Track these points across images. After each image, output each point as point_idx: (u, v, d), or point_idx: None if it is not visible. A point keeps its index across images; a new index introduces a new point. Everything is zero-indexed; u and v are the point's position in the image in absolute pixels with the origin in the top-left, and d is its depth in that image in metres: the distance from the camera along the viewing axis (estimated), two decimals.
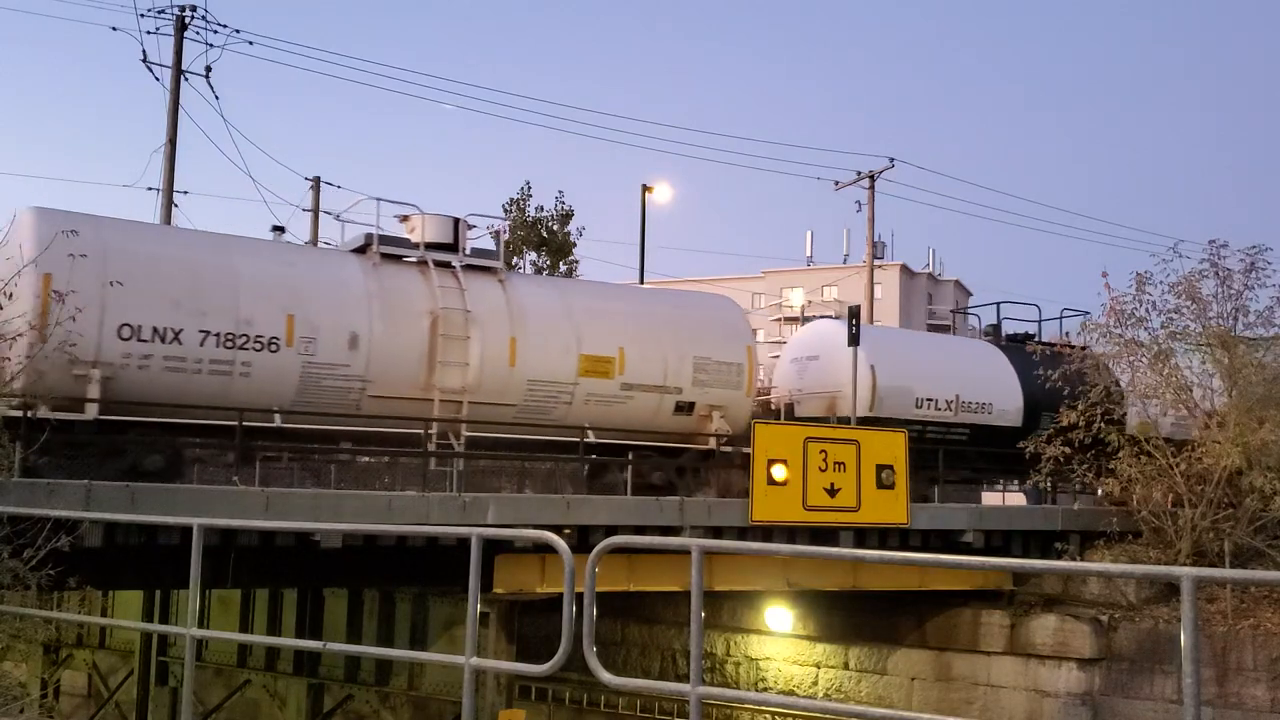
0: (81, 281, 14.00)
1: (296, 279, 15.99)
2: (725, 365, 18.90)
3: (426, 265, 17.16)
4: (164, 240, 16.57)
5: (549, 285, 20.77)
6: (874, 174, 36.05)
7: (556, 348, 17.56)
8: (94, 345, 14.09)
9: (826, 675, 21.05)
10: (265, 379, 15.25)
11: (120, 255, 14.71)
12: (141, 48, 35.38)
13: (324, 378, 15.68)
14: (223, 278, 15.39)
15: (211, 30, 27.74)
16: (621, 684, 7.50)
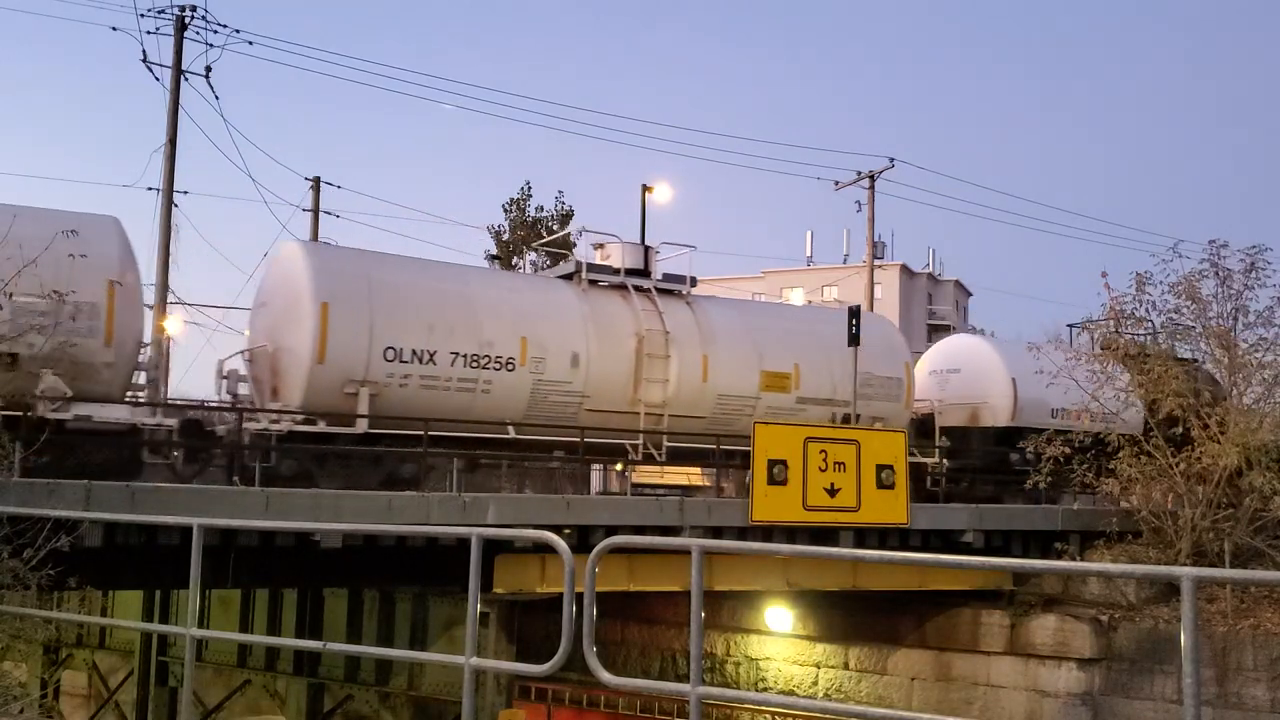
0: (352, 310, 15.94)
1: (525, 304, 17.85)
2: (886, 380, 20.57)
3: (627, 289, 19.04)
4: (416, 271, 18.07)
5: (731, 306, 21.93)
6: (874, 174, 36.03)
7: (741, 364, 19.20)
8: (363, 366, 15.98)
9: (826, 675, 21.05)
10: (502, 395, 17.09)
11: (382, 286, 16.59)
12: (141, 48, 35.35)
13: (550, 393, 17.56)
14: (466, 304, 17.24)
15: (211, 30, 27.70)
16: (621, 684, 7.52)
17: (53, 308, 13.64)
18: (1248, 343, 20.74)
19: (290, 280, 16.23)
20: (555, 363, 17.49)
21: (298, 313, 15.84)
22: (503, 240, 35.11)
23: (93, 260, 14.43)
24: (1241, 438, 19.17)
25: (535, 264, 35.13)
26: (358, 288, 16.31)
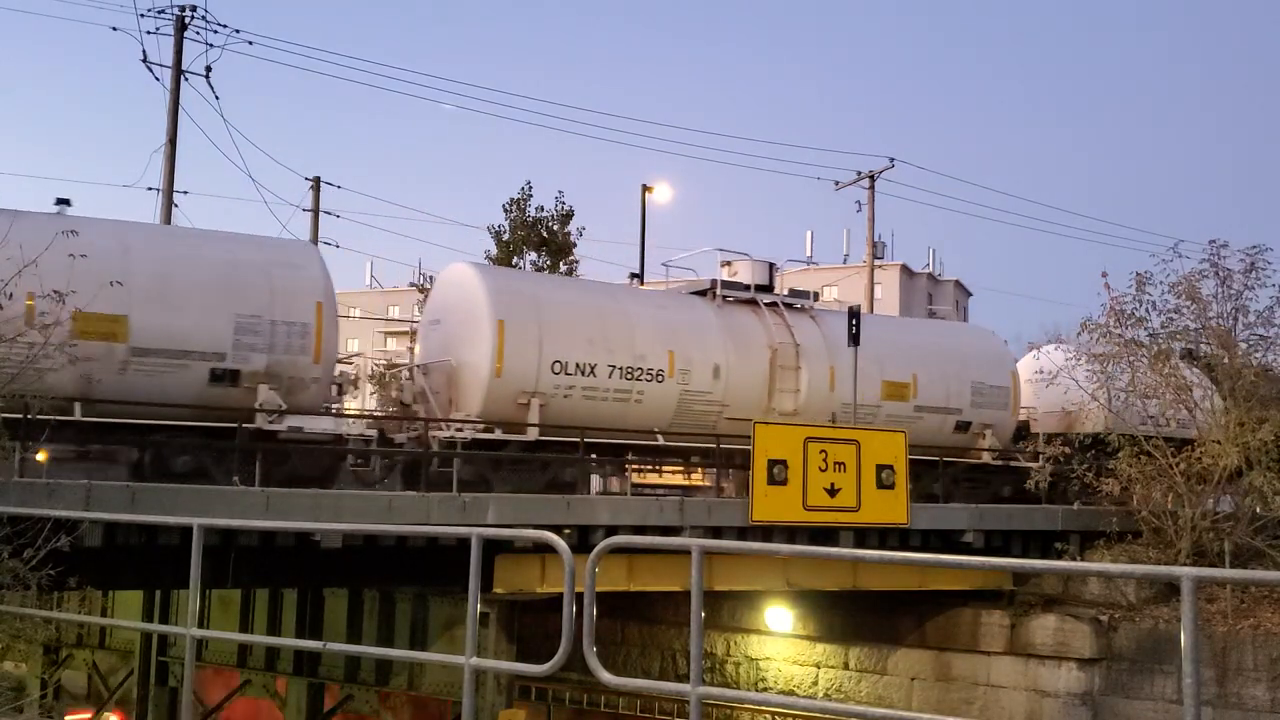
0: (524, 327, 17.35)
1: (671, 320, 19.15)
2: (995, 389, 22.00)
3: (757, 304, 20.32)
4: (576, 290, 20.26)
5: None
6: (874, 174, 36.05)
7: (864, 375, 20.13)
8: (534, 378, 17.35)
9: (826, 675, 21.05)
10: (652, 405, 18.44)
11: (548, 304, 18.17)
12: (141, 48, 35.31)
13: (695, 403, 18.84)
14: (621, 321, 18.67)
15: (211, 30, 27.72)
16: (621, 684, 7.53)
17: (268, 327, 15.19)
18: (1248, 343, 20.75)
19: (466, 300, 17.68)
20: (699, 374, 18.87)
21: (476, 330, 17.28)
22: (503, 240, 35.07)
23: (303, 284, 15.81)
24: (1241, 438, 19.17)
25: (535, 264, 35.11)
26: (528, 307, 17.81)
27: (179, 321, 14.96)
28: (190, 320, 15.03)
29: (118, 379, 14.62)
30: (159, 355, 14.87)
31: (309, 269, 16.28)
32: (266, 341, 15.29)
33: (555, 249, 35.21)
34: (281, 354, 15.39)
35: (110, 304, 14.21)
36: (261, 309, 15.33)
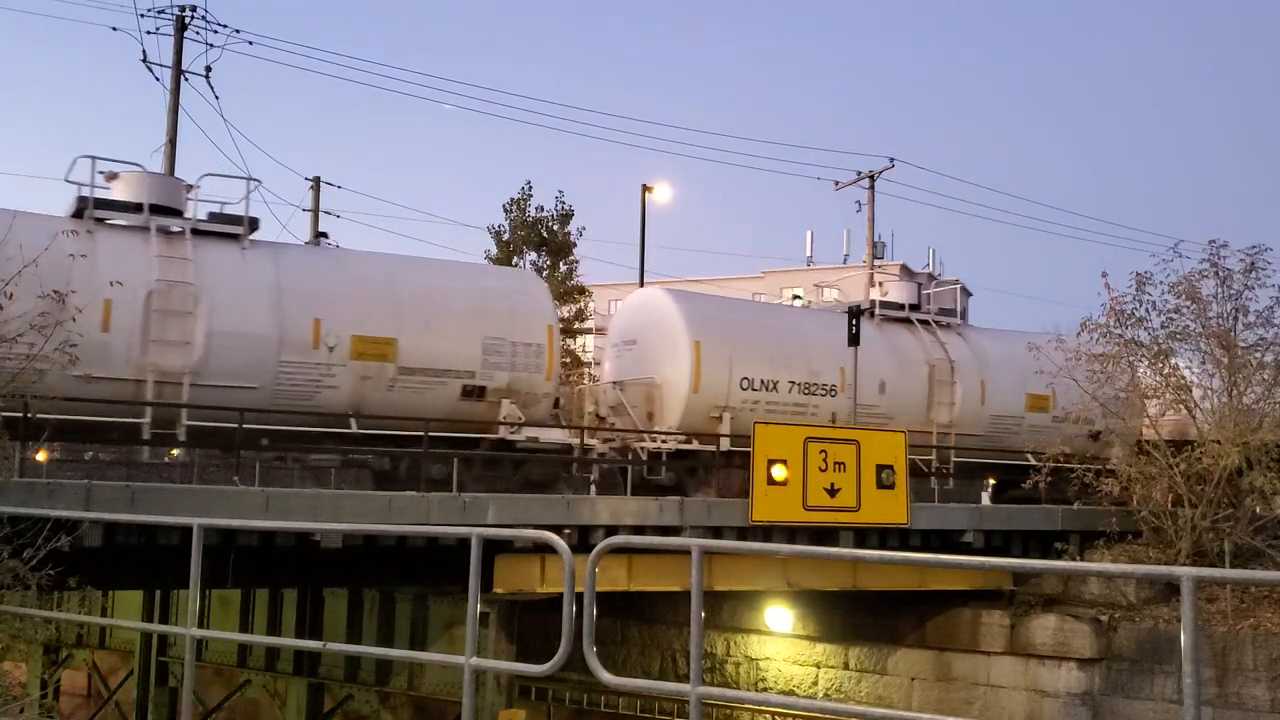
0: (716, 348, 19.08)
1: (841, 338, 20.14)
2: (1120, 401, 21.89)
3: (912, 323, 21.95)
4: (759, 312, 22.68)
5: (997, 336, 24.00)
6: (874, 174, 36.09)
7: (1010, 388, 21.70)
8: (725, 394, 19.04)
9: (826, 675, 21.04)
10: (826, 417, 19.93)
11: (736, 325, 20.06)
12: (141, 48, 35.35)
13: (863, 416, 20.18)
14: (799, 340, 20.40)
15: (211, 30, 27.71)
16: (621, 684, 7.52)
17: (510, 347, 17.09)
18: (1247, 343, 20.74)
19: (662, 323, 19.46)
20: (866, 389, 20.40)
21: (674, 351, 19.09)
22: (503, 240, 35.09)
23: (537, 309, 17.86)
24: (1241, 438, 19.16)
25: (535, 264, 35.11)
26: (719, 329, 19.61)
27: (438, 344, 16.77)
28: (447, 342, 16.85)
29: (385, 395, 16.39)
30: (421, 374, 16.68)
31: (540, 296, 18.50)
32: (509, 360, 17.24)
33: (555, 249, 35.25)
34: (520, 371, 17.32)
35: (382, 328, 16.26)
36: (505, 332, 17.26)
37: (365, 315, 16.15)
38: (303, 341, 15.68)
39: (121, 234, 15.40)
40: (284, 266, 16.19)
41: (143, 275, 14.95)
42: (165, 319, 14.99)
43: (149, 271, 15.05)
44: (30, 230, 13.93)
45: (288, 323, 15.71)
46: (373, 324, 16.13)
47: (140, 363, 14.80)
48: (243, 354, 15.38)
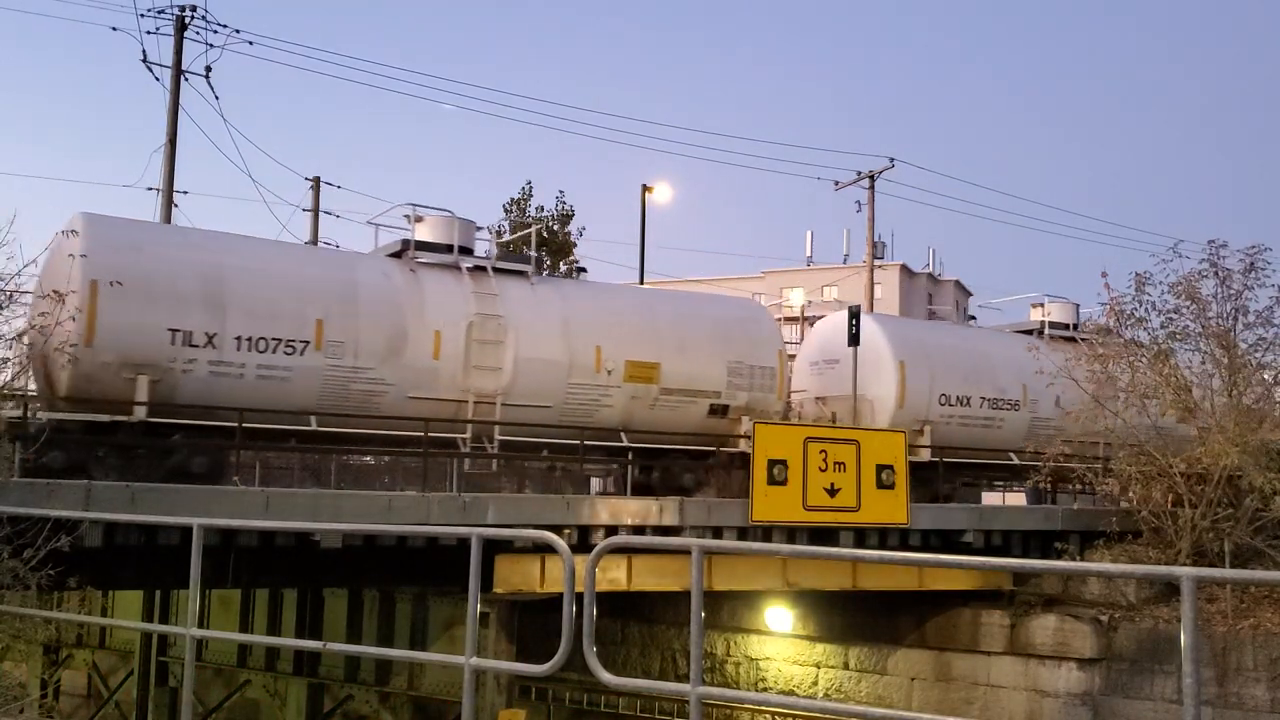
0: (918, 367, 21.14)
1: (1020, 357, 21.82)
2: None
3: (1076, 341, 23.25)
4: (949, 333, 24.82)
5: None
6: (874, 174, 36.04)
7: None
8: (925, 408, 21.07)
9: (826, 675, 21.04)
10: (1009, 430, 21.94)
11: (933, 346, 22.02)
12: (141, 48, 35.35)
13: (1040, 429, 21.99)
14: (985, 359, 22.45)
15: (211, 30, 27.71)
16: (621, 684, 7.53)
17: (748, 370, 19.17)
18: (1247, 343, 20.73)
19: (869, 344, 20.94)
20: (1044, 404, 22.18)
21: (880, 370, 20.93)
22: (503, 240, 35.06)
23: (769, 335, 20.23)
24: (1241, 438, 19.15)
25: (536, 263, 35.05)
26: (919, 349, 21.53)
27: (691, 367, 18.79)
28: (698, 366, 18.85)
29: (649, 413, 18.47)
30: (678, 394, 18.72)
31: (770, 324, 21.05)
32: (747, 382, 19.19)
33: (555, 249, 35.22)
34: (757, 391, 19.26)
35: (648, 354, 18.42)
36: (744, 356, 19.26)
37: (635, 342, 18.38)
38: (587, 366, 17.94)
39: (439, 272, 17.41)
40: (567, 299, 18.57)
41: (462, 309, 17.07)
42: (482, 347, 17.10)
43: (468, 306, 17.15)
44: (369, 269, 16.91)
45: (575, 350, 17.90)
46: (641, 350, 18.38)
47: (463, 385, 16.93)
48: (541, 377, 17.57)
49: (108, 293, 14.26)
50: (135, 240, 15.25)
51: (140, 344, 14.46)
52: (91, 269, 14.30)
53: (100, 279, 14.28)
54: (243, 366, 15.10)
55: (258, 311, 15.33)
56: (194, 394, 14.85)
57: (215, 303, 15.08)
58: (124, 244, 14.93)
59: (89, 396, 14.33)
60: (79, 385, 14.29)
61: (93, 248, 14.50)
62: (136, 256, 14.92)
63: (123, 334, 14.36)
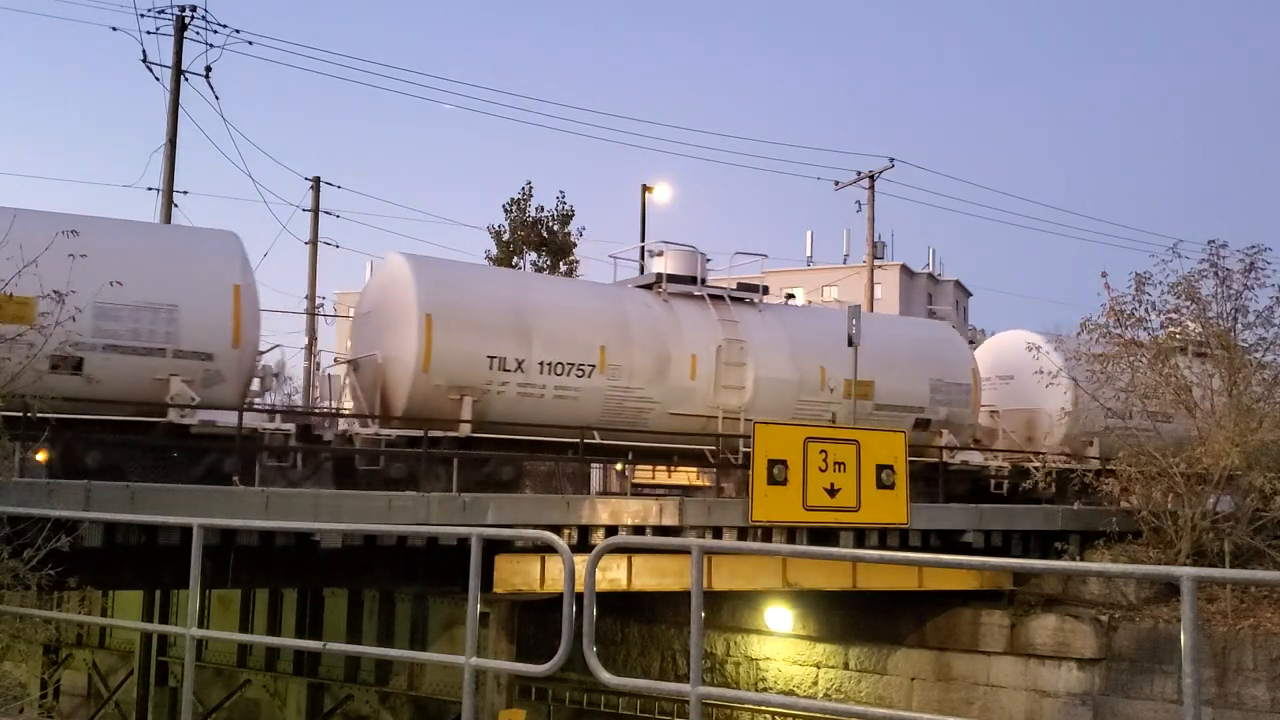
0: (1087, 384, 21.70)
1: None
2: None
3: None
4: None
5: None
6: (874, 174, 36.04)
7: None
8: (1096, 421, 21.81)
9: (826, 675, 21.04)
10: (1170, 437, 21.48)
11: None
12: (141, 48, 35.40)
13: None
14: None
15: (211, 30, 27.69)
16: (621, 684, 7.53)
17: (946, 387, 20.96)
18: (1247, 343, 20.73)
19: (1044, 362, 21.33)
20: None
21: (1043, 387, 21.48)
22: (503, 240, 35.06)
23: (963, 356, 21.74)
24: (1241, 438, 19.15)
25: (535, 264, 35.08)
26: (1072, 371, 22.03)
27: (900, 384, 20.60)
28: (906, 383, 20.64)
29: (862, 425, 19.84)
30: (890, 409, 20.50)
31: (962, 344, 22.86)
32: (946, 398, 20.93)
33: (555, 249, 35.19)
34: (955, 407, 21.04)
35: (865, 372, 19.81)
36: (942, 374, 20.94)
37: (851, 362, 19.73)
38: (813, 384, 19.87)
39: (687, 302, 19.59)
40: (789, 324, 20.56)
41: (711, 335, 19.20)
42: (728, 369, 19.17)
43: (715, 332, 19.24)
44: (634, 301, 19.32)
45: (803, 369, 19.86)
46: (859, 369, 19.84)
47: (713, 402, 19.01)
48: (776, 394, 19.48)
49: (439, 325, 16.47)
50: (455, 277, 17.71)
51: (465, 369, 16.68)
52: (425, 304, 16.41)
53: (434, 313, 16.43)
54: (543, 388, 17.40)
55: (556, 340, 17.65)
56: (504, 412, 17.07)
57: (523, 333, 17.37)
58: (447, 282, 17.24)
59: (423, 414, 16.42)
60: (414, 405, 16.48)
61: (423, 285, 16.62)
62: (459, 293, 17.21)
63: (451, 361, 16.53)
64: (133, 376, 14.37)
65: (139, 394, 14.37)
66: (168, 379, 14.50)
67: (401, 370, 16.43)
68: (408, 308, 16.45)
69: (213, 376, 14.82)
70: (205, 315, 14.85)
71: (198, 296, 14.88)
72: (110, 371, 14.27)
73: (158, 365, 14.51)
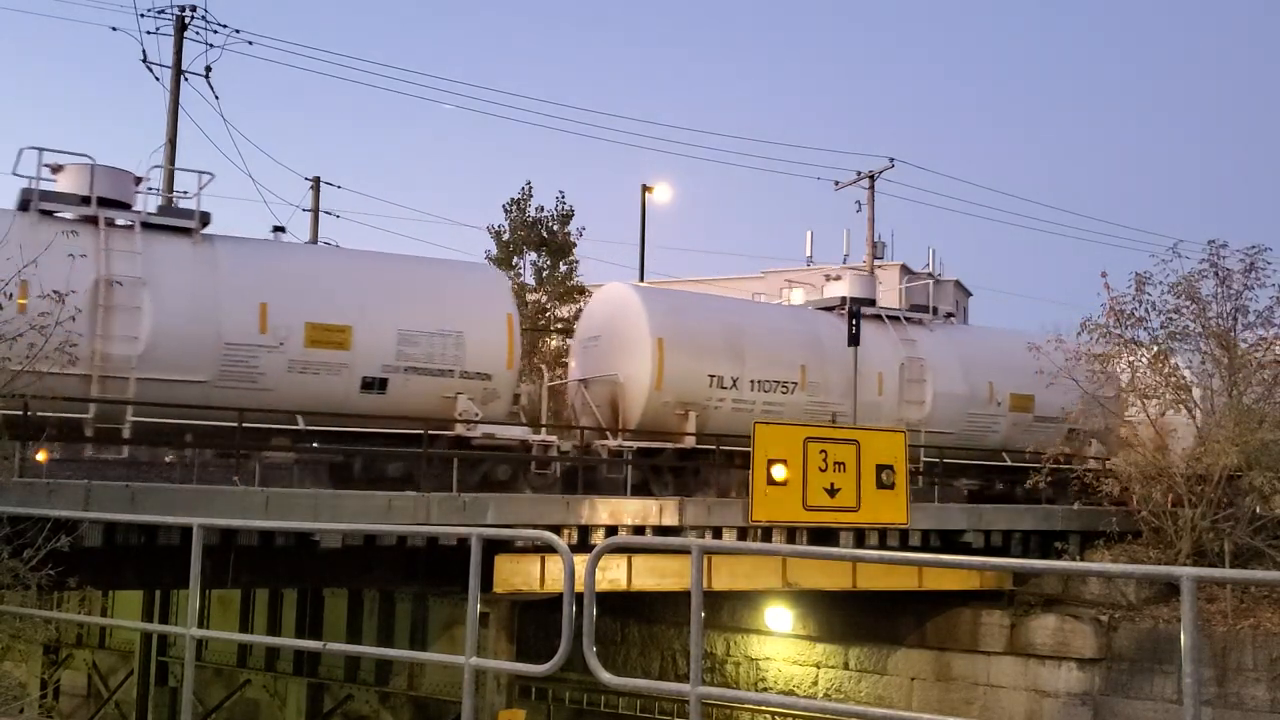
0: None
1: None
2: None
3: None
4: None
5: None
6: (874, 174, 36.11)
7: None
8: None
9: (826, 675, 21.04)
10: None
11: None
12: (141, 48, 35.34)
13: None
14: None
15: (211, 30, 27.66)
16: (621, 684, 7.54)
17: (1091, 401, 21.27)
18: (1247, 343, 20.73)
19: None
20: None
21: None
22: (503, 240, 35.07)
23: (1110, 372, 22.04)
24: (1241, 438, 19.16)
25: (535, 264, 35.09)
26: None
27: (1054, 398, 21.61)
28: (1060, 397, 21.46)
29: (1021, 435, 21.93)
30: (1047, 421, 21.92)
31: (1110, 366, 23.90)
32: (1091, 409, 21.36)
33: (555, 249, 35.19)
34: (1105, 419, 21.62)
35: (1025, 387, 21.74)
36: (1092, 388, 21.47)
37: (1015, 378, 21.63)
38: (983, 398, 21.71)
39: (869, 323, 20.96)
40: (959, 342, 22.37)
41: (893, 353, 21.09)
42: (909, 385, 21.07)
43: (897, 351, 21.17)
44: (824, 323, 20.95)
45: (973, 385, 21.67)
46: (1021, 384, 21.68)
47: (897, 416, 20.59)
48: (950, 409, 21.24)
49: (669, 348, 18.50)
50: (678, 305, 19.77)
51: (689, 387, 18.63)
52: (656, 329, 18.56)
53: (664, 337, 18.51)
54: (753, 403, 19.17)
55: (765, 360, 19.54)
56: (720, 426, 18.70)
57: (737, 354, 19.29)
58: (672, 309, 19.25)
59: (653, 428, 18.57)
60: (647, 419, 18.58)
61: (653, 313, 18.76)
62: (683, 318, 19.27)
63: (679, 379, 18.53)
64: (427, 394, 16.23)
65: (431, 410, 16.15)
66: (455, 397, 16.39)
67: (637, 389, 18.54)
68: (641, 333, 18.66)
69: (490, 394, 16.77)
70: (486, 341, 16.80)
71: (480, 324, 16.84)
72: (409, 391, 16.13)
73: (447, 385, 16.44)
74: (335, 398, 15.47)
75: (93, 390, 14.21)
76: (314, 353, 15.25)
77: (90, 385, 14.21)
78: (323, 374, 15.30)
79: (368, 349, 15.76)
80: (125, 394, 14.38)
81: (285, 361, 15.07)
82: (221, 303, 15.03)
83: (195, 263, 15.29)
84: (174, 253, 15.23)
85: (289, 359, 15.10)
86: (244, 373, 14.97)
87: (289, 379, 15.15)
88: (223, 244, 15.91)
